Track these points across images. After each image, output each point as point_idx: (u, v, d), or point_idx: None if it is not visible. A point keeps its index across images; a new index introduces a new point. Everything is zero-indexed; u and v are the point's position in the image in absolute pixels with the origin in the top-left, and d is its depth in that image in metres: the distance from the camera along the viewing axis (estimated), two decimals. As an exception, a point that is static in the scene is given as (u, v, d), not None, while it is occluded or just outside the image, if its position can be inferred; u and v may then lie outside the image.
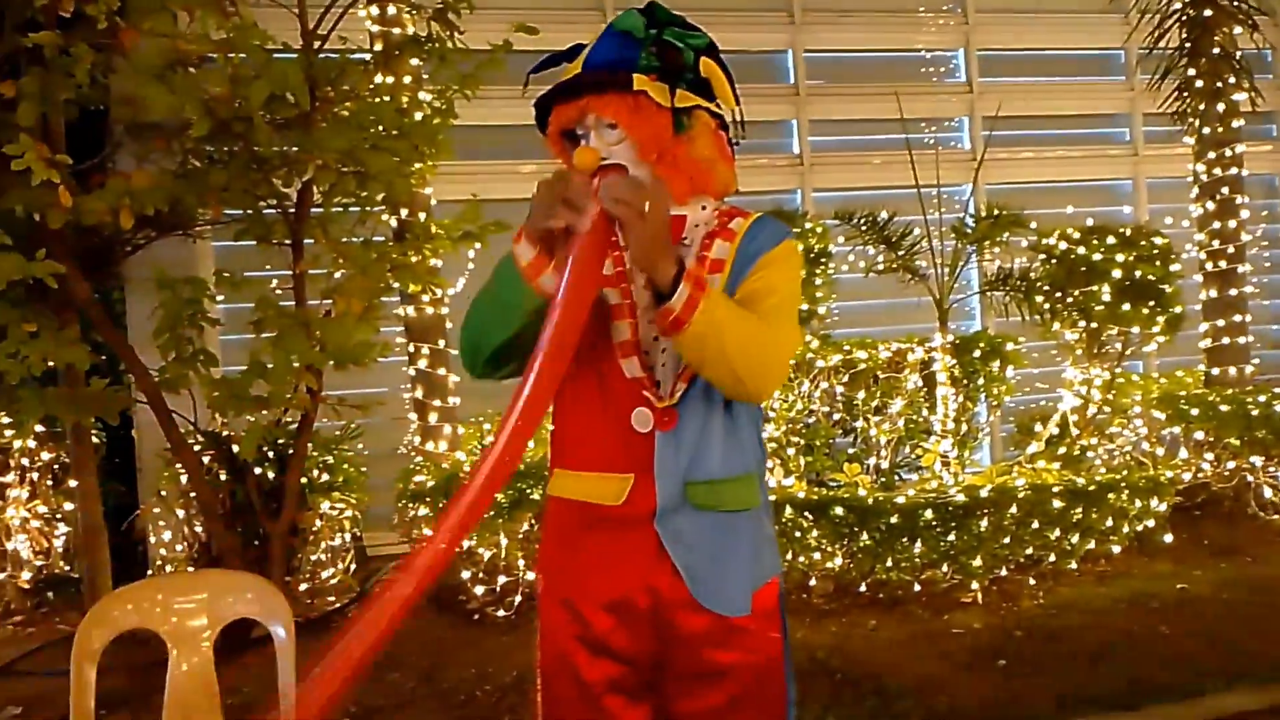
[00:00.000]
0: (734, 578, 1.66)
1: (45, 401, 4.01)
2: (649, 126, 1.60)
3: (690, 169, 1.66)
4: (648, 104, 1.59)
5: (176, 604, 2.26)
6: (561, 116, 1.63)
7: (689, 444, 1.63)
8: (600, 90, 1.60)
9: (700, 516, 1.63)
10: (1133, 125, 7.69)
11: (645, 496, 1.62)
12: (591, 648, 1.66)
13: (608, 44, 1.64)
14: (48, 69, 3.63)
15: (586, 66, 1.62)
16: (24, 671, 4.45)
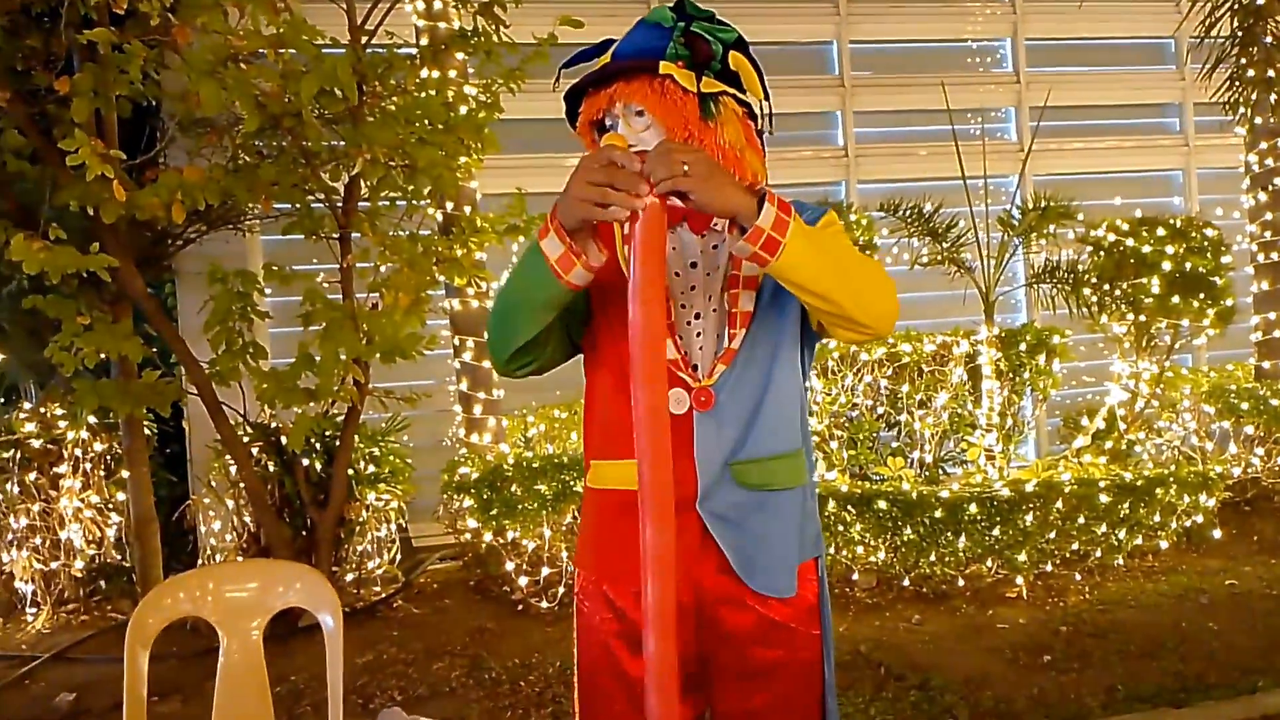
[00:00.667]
0: (780, 556, 1.64)
1: (99, 393, 4.09)
2: (676, 111, 1.59)
3: (718, 154, 1.62)
4: (674, 89, 1.59)
5: (228, 593, 2.30)
6: (591, 106, 1.63)
7: (730, 423, 1.61)
8: (628, 76, 1.60)
9: (745, 495, 1.61)
10: (1184, 115, 7.56)
11: (684, 479, 1.59)
12: (633, 643, 1.63)
13: (636, 35, 1.64)
14: (101, 65, 3.69)
15: (616, 56, 1.62)
16: (77, 658, 4.55)
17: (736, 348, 1.63)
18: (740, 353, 1.62)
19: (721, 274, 1.66)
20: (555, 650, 4.20)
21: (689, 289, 1.65)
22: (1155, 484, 4.77)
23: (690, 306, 1.65)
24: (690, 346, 1.64)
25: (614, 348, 1.63)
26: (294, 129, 3.87)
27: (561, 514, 4.64)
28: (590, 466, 1.72)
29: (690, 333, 1.64)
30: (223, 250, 4.97)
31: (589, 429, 1.74)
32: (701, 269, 1.66)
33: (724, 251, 1.67)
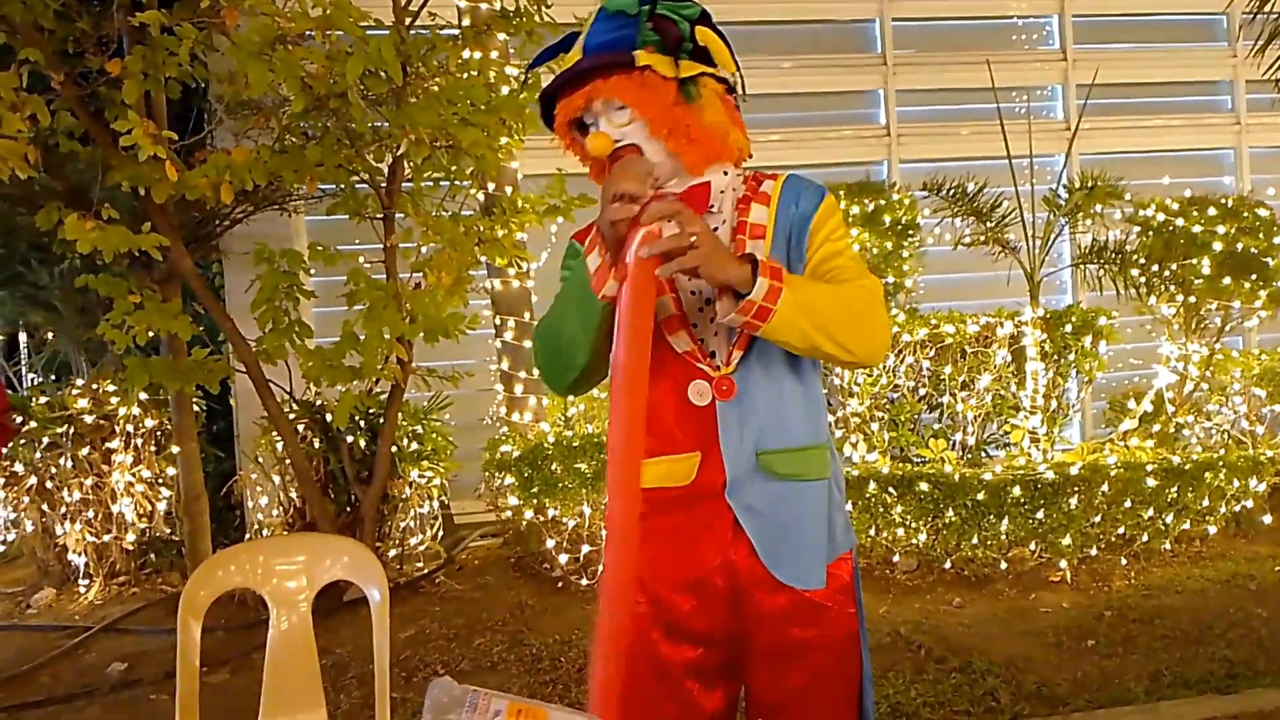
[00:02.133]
0: (808, 550, 1.64)
1: (149, 370, 4.16)
2: (657, 102, 1.58)
3: (704, 137, 1.61)
4: (653, 79, 1.57)
5: (277, 566, 2.34)
6: (569, 106, 1.61)
7: (756, 411, 1.60)
8: (605, 73, 1.57)
9: (773, 486, 1.61)
10: (1235, 93, 7.40)
11: (714, 471, 1.60)
12: (670, 631, 1.65)
13: (603, 26, 1.60)
14: (151, 48, 3.74)
15: (587, 52, 1.59)
16: (128, 629, 4.65)
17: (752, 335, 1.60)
18: (757, 341, 1.60)
19: None
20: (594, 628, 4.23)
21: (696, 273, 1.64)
22: (1204, 468, 4.71)
23: (700, 293, 1.63)
24: (705, 334, 1.62)
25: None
26: (339, 110, 3.90)
27: (600, 492, 4.67)
28: None
29: (704, 319, 1.63)
30: (269, 230, 5.03)
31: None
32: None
33: (725, 234, 1.66)
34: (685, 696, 1.66)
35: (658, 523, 1.62)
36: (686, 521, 1.62)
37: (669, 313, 1.62)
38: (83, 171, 4.44)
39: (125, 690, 3.99)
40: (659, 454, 1.62)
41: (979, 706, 3.40)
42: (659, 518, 1.62)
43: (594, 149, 1.58)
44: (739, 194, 1.67)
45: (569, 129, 1.66)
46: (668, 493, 1.62)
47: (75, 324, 6.55)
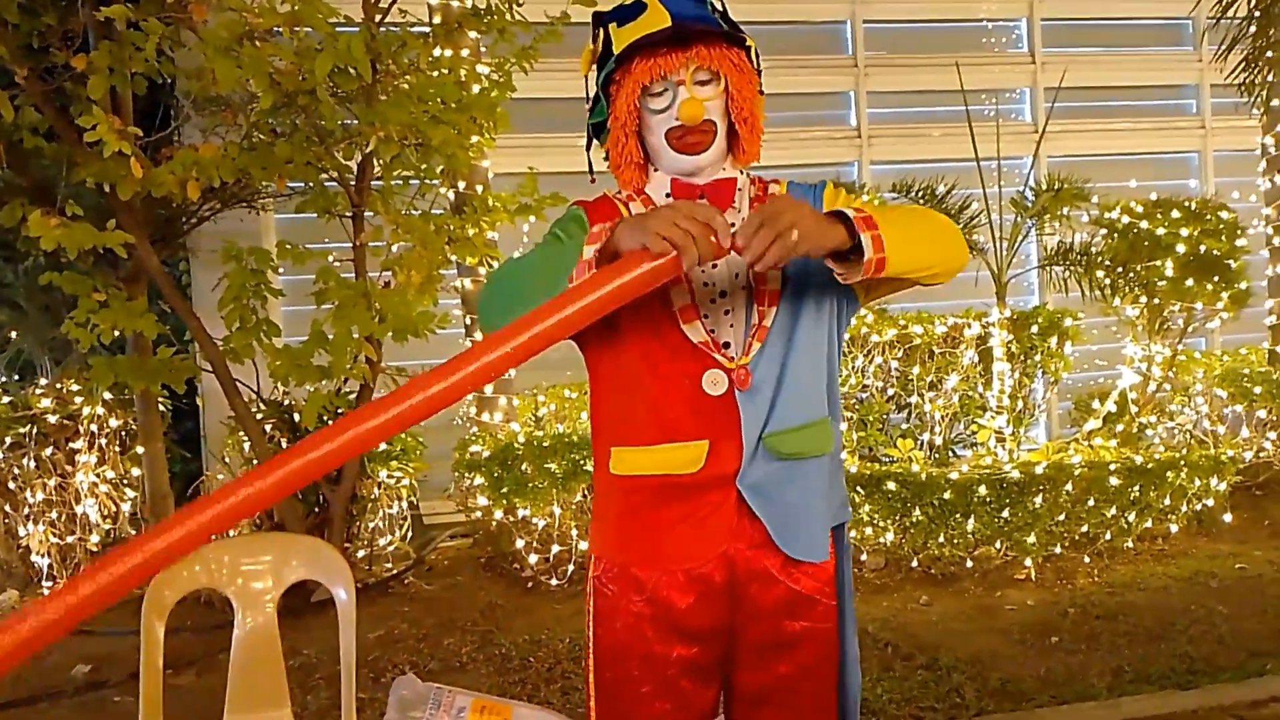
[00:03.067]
0: (814, 521, 1.66)
1: (115, 369, 4.13)
2: (748, 82, 1.63)
3: (760, 133, 1.68)
4: (745, 63, 1.63)
5: (243, 565, 2.32)
6: (656, 67, 1.58)
7: (767, 399, 1.61)
8: (708, 41, 1.60)
9: (778, 466, 1.62)
10: (1200, 96, 7.51)
11: (722, 459, 1.60)
12: (664, 627, 1.64)
13: (685, 2, 1.61)
14: (118, 43, 3.71)
15: (682, 19, 1.59)
16: (92, 631, 4.60)
17: (769, 325, 1.62)
18: (773, 330, 1.62)
19: None
20: (565, 627, 4.24)
21: (710, 267, 1.63)
22: (1166, 467, 4.77)
23: (714, 284, 1.63)
24: (719, 325, 1.63)
25: (639, 331, 1.62)
26: (308, 107, 3.88)
27: (571, 492, 4.67)
28: (610, 453, 1.69)
29: (717, 311, 1.63)
30: (237, 228, 5.00)
31: (606, 415, 1.71)
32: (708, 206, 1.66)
33: None
34: (679, 694, 1.66)
35: (657, 512, 1.63)
36: (688, 511, 1.62)
37: (684, 302, 1.62)
38: (47, 167, 4.39)
39: (90, 692, 3.95)
40: (664, 440, 1.62)
41: (945, 703, 3.43)
42: (659, 506, 1.63)
43: (691, 113, 1.58)
44: (751, 194, 1.71)
45: (635, 90, 1.62)
46: (671, 480, 1.62)
47: (39, 322, 6.47)
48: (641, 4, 1.62)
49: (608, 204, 1.72)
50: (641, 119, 1.64)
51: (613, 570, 1.69)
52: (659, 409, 1.62)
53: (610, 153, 1.70)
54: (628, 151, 1.66)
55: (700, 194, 1.67)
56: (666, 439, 1.62)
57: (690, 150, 1.63)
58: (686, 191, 1.67)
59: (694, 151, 1.63)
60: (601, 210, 1.70)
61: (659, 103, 1.62)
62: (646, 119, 1.64)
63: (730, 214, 1.67)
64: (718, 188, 1.67)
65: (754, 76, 1.66)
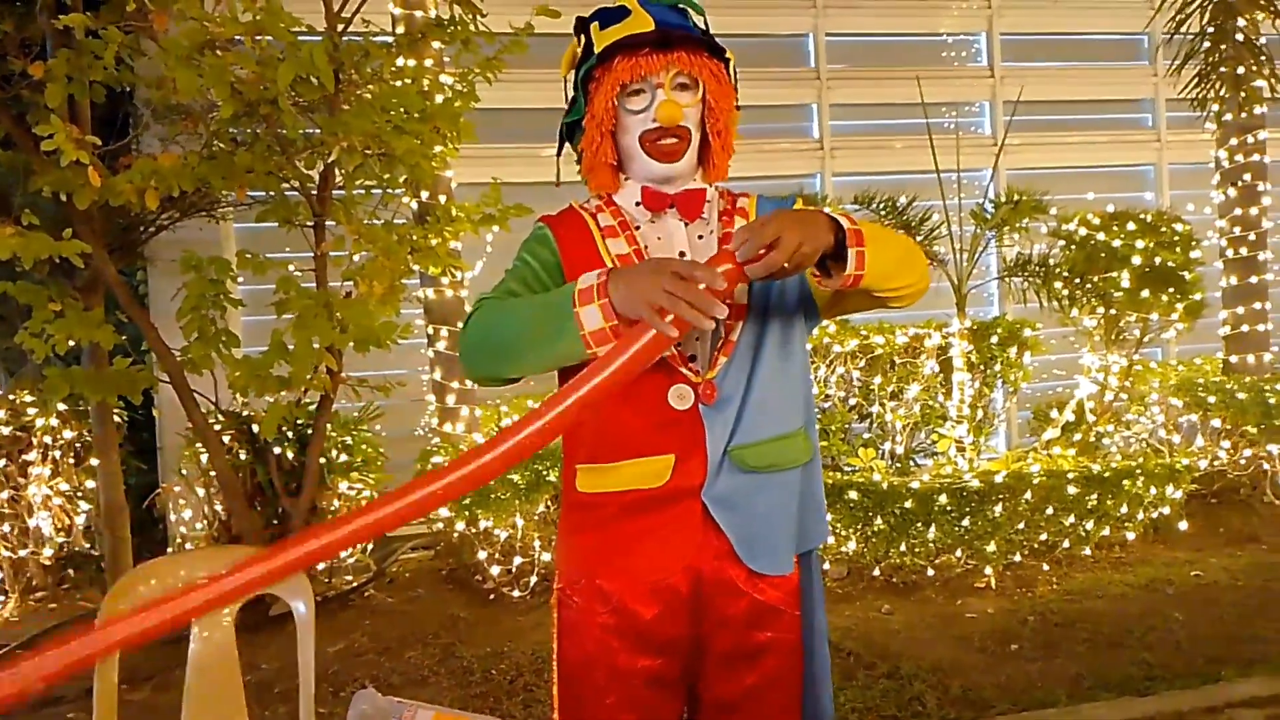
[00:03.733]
0: (780, 535, 1.65)
1: (70, 380, 4.06)
2: (725, 95, 1.65)
3: (730, 151, 1.71)
4: (724, 76, 1.65)
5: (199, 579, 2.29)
6: (636, 68, 1.60)
7: (733, 412, 1.61)
8: (690, 48, 1.61)
9: (745, 478, 1.61)
10: (1156, 110, 7.64)
11: (688, 473, 1.60)
12: (630, 639, 1.64)
13: (666, 11, 1.64)
14: (77, 51, 3.66)
15: (664, 25, 1.61)
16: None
17: (735, 339, 1.62)
18: (739, 344, 1.62)
19: None
20: (527, 639, 4.22)
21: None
22: (1123, 476, 4.83)
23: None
24: (685, 339, 1.61)
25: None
26: (270, 116, 3.85)
27: (534, 503, 4.66)
28: (578, 472, 1.68)
29: None
30: (196, 237, 4.95)
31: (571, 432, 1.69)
32: (690, 259, 1.65)
33: (711, 241, 1.68)
34: (645, 706, 1.66)
35: (622, 526, 1.63)
36: (653, 524, 1.61)
37: None
38: (4, 176, 4.33)
39: (45, 709, 3.87)
40: (628, 457, 1.61)
41: (906, 711, 3.45)
42: (624, 521, 1.63)
43: (668, 115, 1.59)
44: (720, 207, 1.72)
45: (614, 90, 1.62)
46: (639, 495, 1.61)
47: (-7, 332, 6.38)
48: (625, 9, 1.63)
49: (574, 216, 1.72)
50: (618, 119, 1.64)
51: (578, 583, 1.68)
52: (625, 424, 1.62)
53: (584, 153, 1.70)
54: (602, 151, 1.67)
55: (670, 203, 1.67)
56: (632, 454, 1.62)
57: (664, 158, 1.63)
58: (656, 200, 1.67)
59: (667, 159, 1.63)
60: (567, 223, 1.70)
61: (637, 103, 1.63)
62: (623, 119, 1.64)
63: (698, 225, 1.68)
64: (688, 198, 1.68)
65: (731, 90, 1.68)
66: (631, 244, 1.65)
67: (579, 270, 1.59)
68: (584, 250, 1.66)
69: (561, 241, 1.68)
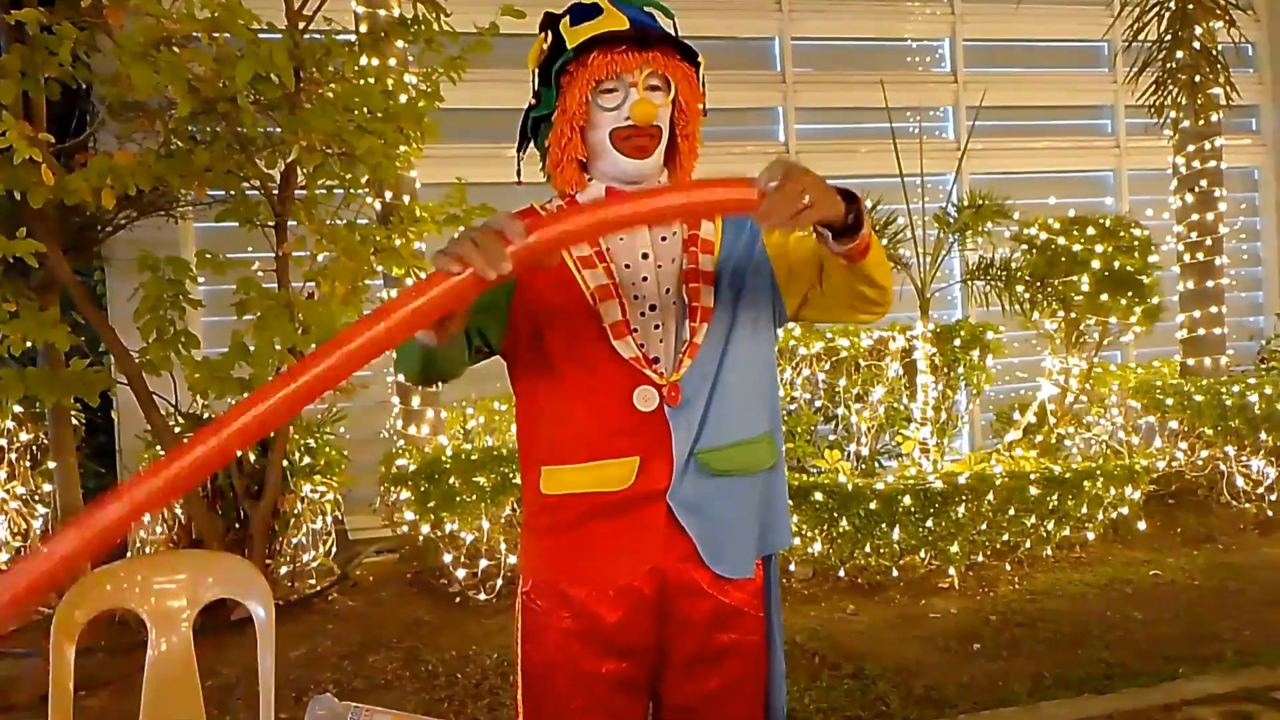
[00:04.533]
0: (744, 540, 1.65)
1: (25, 382, 4.00)
2: (695, 99, 1.67)
3: (695, 149, 1.72)
4: (695, 81, 1.67)
5: (156, 584, 2.26)
6: (620, 62, 1.59)
7: (698, 415, 1.61)
8: (666, 49, 1.63)
9: (711, 482, 1.61)
10: (1115, 117, 7.73)
11: (653, 475, 1.59)
12: (593, 643, 1.63)
13: (639, 12, 1.64)
14: (30, 46, 3.60)
15: (640, 24, 1.61)
16: (3, 652, 4.44)
17: (700, 341, 1.61)
18: (704, 347, 1.62)
19: (676, 267, 1.65)
20: (492, 642, 4.19)
21: (640, 280, 1.63)
22: (1083, 477, 4.88)
23: (643, 298, 1.63)
24: (649, 340, 1.61)
25: (568, 348, 1.61)
26: (229, 114, 3.81)
27: (500, 506, 4.63)
28: (541, 472, 1.66)
29: (647, 326, 1.62)
30: (155, 237, 4.88)
31: (535, 433, 1.68)
32: (653, 260, 1.65)
33: (675, 243, 1.67)
34: (610, 710, 1.65)
35: (587, 529, 1.62)
36: (618, 527, 1.61)
37: (616, 318, 1.60)
38: (-45, 174, 4.25)
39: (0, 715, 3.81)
40: (593, 458, 1.60)
41: (870, 711, 3.46)
42: (588, 524, 1.62)
43: (643, 114, 1.59)
44: None
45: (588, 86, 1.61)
46: (600, 497, 1.60)
47: (-54, 333, 6.26)
48: (598, 7, 1.63)
49: (532, 215, 1.70)
50: (589, 115, 1.63)
51: (542, 585, 1.67)
52: (590, 426, 1.61)
53: (551, 148, 1.67)
54: (571, 146, 1.65)
55: None
56: (597, 456, 1.61)
57: (636, 154, 1.62)
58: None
59: (639, 155, 1.63)
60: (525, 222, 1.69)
61: (610, 100, 1.62)
62: (594, 115, 1.63)
63: (662, 226, 1.67)
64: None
65: (700, 95, 1.70)
66: (593, 245, 1.64)
67: (537, 274, 1.60)
68: None
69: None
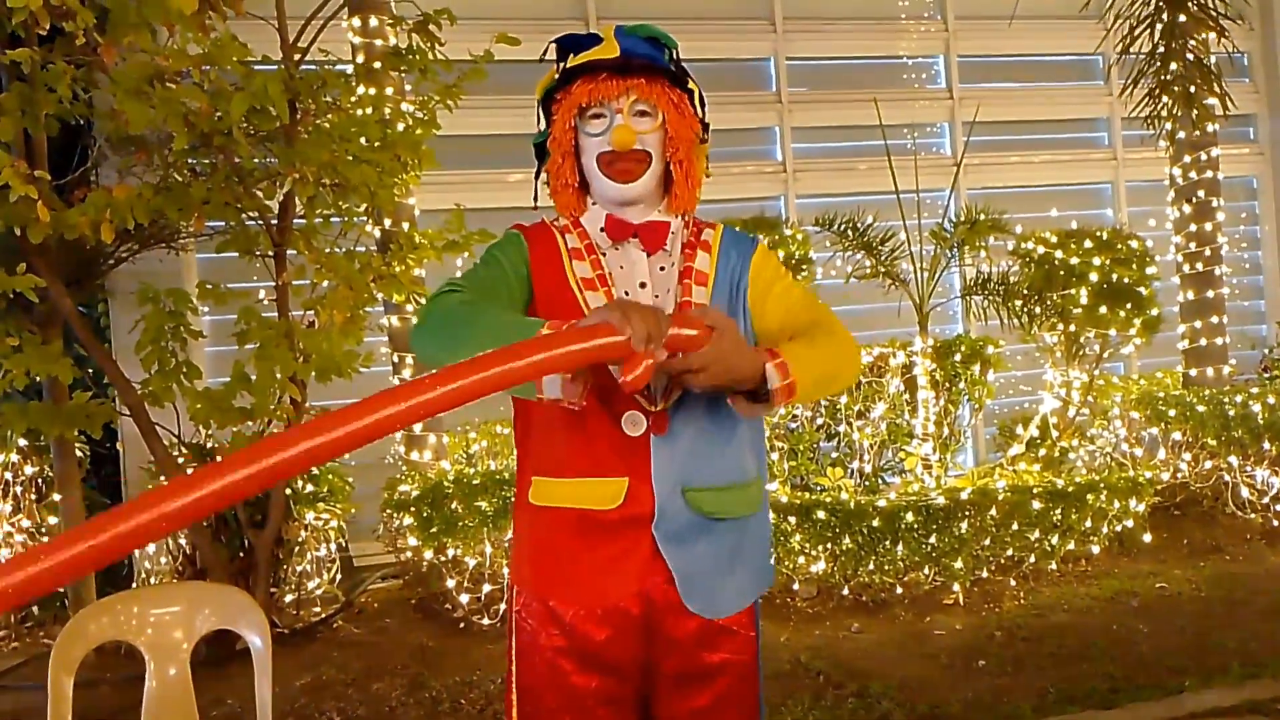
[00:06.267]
0: (728, 586, 1.67)
1: (29, 415, 4.02)
2: (686, 125, 1.68)
3: (695, 181, 1.73)
4: (687, 107, 1.68)
5: (154, 616, 2.27)
6: (603, 89, 1.64)
7: (685, 449, 1.63)
8: (649, 76, 1.64)
9: (697, 521, 1.63)
10: (1112, 129, 7.75)
11: (640, 500, 1.61)
12: (582, 660, 1.65)
13: (636, 41, 1.67)
14: (29, 84, 3.65)
15: (629, 53, 1.64)
16: (7, 686, 4.45)
17: None
18: None
19: (672, 297, 1.68)
20: (497, 667, 4.19)
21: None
22: (1087, 490, 4.87)
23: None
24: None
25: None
26: (225, 147, 3.85)
27: (502, 530, 4.63)
28: (531, 482, 1.69)
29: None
30: (156, 269, 4.92)
31: (530, 444, 1.71)
32: (650, 290, 1.68)
33: (673, 273, 1.70)
34: None
35: (574, 546, 1.64)
36: (605, 547, 1.63)
37: None
38: (-43, 211, 4.29)
39: (1, 750, 3.82)
40: (584, 474, 1.63)
41: (874, 731, 3.46)
42: (576, 540, 1.64)
43: (621, 139, 1.62)
44: (683, 239, 1.74)
45: (572, 111, 1.67)
46: (589, 515, 1.62)
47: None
48: (598, 37, 1.68)
49: (545, 230, 1.75)
50: (578, 141, 1.68)
51: (531, 603, 1.70)
52: (582, 443, 1.63)
53: (550, 174, 1.74)
54: (563, 172, 1.70)
55: (633, 233, 1.70)
56: (587, 473, 1.63)
57: (620, 178, 1.65)
58: (619, 229, 1.69)
59: (623, 180, 1.66)
60: (539, 238, 1.73)
61: (595, 126, 1.66)
62: (582, 141, 1.68)
63: (660, 256, 1.70)
64: (651, 229, 1.70)
65: (694, 122, 1.71)
66: (596, 269, 1.68)
67: (547, 287, 1.66)
68: (552, 268, 1.69)
69: (533, 253, 1.71)
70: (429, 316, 1.59)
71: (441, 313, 1.56)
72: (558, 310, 1.62)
